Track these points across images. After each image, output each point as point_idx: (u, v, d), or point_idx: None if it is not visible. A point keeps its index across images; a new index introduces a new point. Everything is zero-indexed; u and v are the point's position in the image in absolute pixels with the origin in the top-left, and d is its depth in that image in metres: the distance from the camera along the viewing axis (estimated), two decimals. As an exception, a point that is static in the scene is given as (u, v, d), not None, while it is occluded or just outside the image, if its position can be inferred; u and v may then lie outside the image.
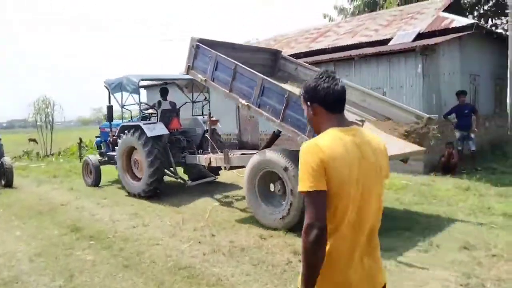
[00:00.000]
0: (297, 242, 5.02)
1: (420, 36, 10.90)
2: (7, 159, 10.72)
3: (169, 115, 8.96)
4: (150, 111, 9.55)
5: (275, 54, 8.17)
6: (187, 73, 7.39)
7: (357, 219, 1.76)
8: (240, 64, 6.33)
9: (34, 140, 22.93)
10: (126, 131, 8.53)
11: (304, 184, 1.69)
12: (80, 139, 16.88)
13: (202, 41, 7.00)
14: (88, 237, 5.75)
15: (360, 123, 4.73)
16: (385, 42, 11.32)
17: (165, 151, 8.28)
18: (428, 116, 6.03)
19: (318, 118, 1.89)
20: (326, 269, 1.72)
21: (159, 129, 8.13)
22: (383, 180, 1.87)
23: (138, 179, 8.38)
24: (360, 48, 11.55)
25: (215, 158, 7.36)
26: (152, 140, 7.90)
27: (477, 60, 11.71)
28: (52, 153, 20.07)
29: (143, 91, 14.43)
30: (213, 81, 6.79)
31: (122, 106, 9.29)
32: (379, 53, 10.09)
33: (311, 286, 1.70)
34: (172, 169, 8.56)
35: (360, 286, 1.78)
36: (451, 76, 10.32)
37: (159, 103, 9.08)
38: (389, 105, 6.34)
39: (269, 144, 6.67)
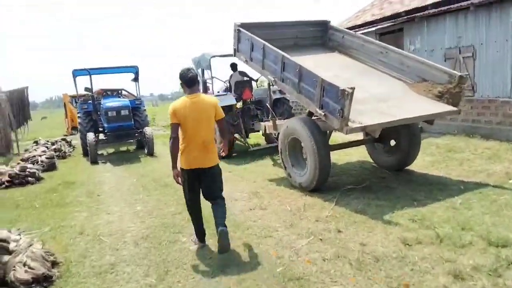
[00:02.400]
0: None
1: None
2: (148, 129, 11.23)
3: (242, 86, 9.77)
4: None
5: (324, 25, 8.29)
6: (235, 56, 8.02)
7: (194, 135, 3.91)
8: (267, 44, 6.73)
9: None
10: None
11: (170, 119, 3.92)
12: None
13: (243, 25, 7.56)
14: (200, 219, 5.17)
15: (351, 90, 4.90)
16: None
17: (238, 118, 9.44)
18: (460, 74, 5.73)
19: (184, 90, 4.05)
20: (185, 154, 3.96)
21: (229, 100, 9.19)
22: (209, 118, 3.97)
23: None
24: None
25: (268, 126, 7.96)
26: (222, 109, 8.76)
27: None
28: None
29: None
30: (251, 61, 7.32)
31: (204, 81, 10.49)
32: None
33: (174, 163, 4.00)
34: (242, 134, 9.65)
35: (198, 161, 3.95)
36: None
37: (231, 76, 10.21)
38: (425, 66, 6.22)
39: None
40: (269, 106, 8.80)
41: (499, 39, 8.28)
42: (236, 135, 9.80)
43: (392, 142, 6.82)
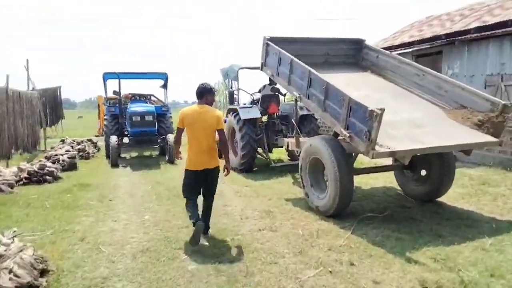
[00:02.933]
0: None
1: None
2: (171, 137, 11.14)
3: (269, 99, 9.59)
4: (258, 95, 10.12)
5: (358, 43, 7.98)
6: (261, 70, 7.73)
7: (197, 140, 4.53)
8: (294, 58, 6.48)
9: None
10: (230, 113, 9.63)
11: (177, 124, 4.67)
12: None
13: (272, 39, 7.33)
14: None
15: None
16: None
17: (261, 133, 9.36)
18: (504, 103, 5.27)
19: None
20: (189, 157, 4.62)
21: (253, 113, 8.90)
22: (211, 127, 4.53)
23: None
24: None
25: (291, 142, 7.49)
26: (246, 122, 8.76)
27: None
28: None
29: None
30: (278, 75, 7.10)
31: (232, 92, 10.48)
32: None
33: (177, 152, 5.00)
34: (265, 149, 9.46)
35: (202, 163, 4.57)
36: None
37: (264, 86, 9.87)
38: (465, 91, 5.80)
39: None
40: (294, 122, 8.54)
41: (546, 68, 7.68)
42: (259, 149, 9.53)
43: (423, 172, 6.36)
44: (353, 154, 6.07)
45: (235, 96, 10.56)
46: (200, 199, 4.87)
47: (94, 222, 5.56)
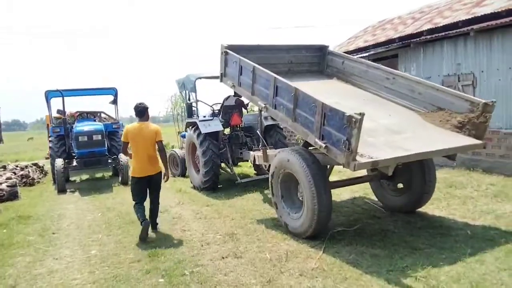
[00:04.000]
0: None
1: None
2: (123, 156, 10.36)
3: (231, 111, 9.17)
4: (218, 107, 9.64)
5: (321, 50, 7.61)
6: (221, 81, 7.15)
7: (139, 152, 5.48)
8: (257, 66, 6.04)
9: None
10: (189, 128, 8.94)
11: (122, 139, 5.67)
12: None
13: (231, 47, 6.82)
14: (161, 270, 4.31)
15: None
16: None
17: (225, 146, 8.72)
18: (484, 101, 4.92)
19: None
20: (133, 165, 5.58)
21: (214, 126, 8.25)
22: (151, 139, 5.51)
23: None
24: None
25: (257, 156, 6.79)
26: (207, 136, 8.14)
27: None
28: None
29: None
30: (239, 86, 6.56)
31: (190, 104, 9.74)
32: None
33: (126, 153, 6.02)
34: (229, 164, 8.77)
35: (144, 170, 5.51)
36: None
37: (227, 97, 9.41)
38: (440, 93, 5.50)
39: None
40: (259, 134, 8.03)
41: (502, 67, 7.72)
42: (222, 164, 8.94)
43: (402, 182, 5.92)
44: (328, 166, 5.60)
45: (193, 108, 9.90)
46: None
47: (31, 263, 4.80)
